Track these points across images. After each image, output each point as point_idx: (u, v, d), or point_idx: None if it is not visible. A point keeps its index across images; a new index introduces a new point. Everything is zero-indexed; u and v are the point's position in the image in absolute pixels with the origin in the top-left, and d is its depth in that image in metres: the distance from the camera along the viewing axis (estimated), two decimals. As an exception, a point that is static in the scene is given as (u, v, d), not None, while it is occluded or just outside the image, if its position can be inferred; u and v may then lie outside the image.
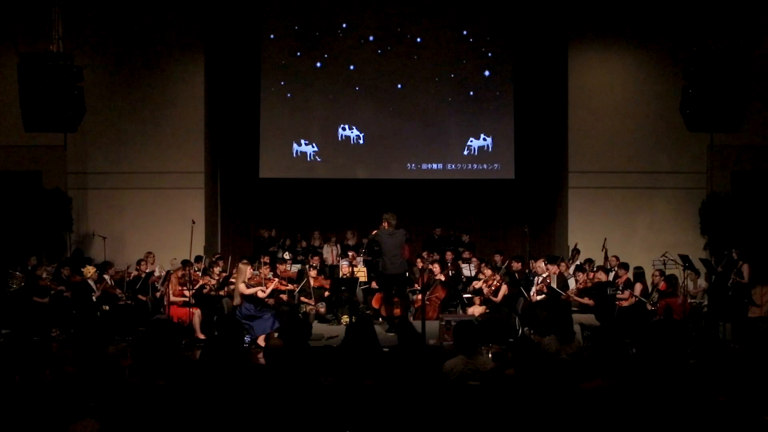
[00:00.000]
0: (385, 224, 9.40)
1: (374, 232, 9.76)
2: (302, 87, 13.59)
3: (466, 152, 13.59)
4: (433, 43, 13.50)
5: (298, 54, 13.57)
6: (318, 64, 13.58)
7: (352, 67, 13.55)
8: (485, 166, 13.62)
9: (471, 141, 13.57)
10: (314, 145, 13.62)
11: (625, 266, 10.23)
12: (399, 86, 13.55)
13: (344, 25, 13.54)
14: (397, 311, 9.76)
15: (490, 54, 13.58)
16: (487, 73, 13.60)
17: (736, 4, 11.79)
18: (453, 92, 13.59)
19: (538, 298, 9.55)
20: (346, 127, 13.60)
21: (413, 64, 13.52)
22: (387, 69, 13.52)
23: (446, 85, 13.58)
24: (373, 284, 10.85)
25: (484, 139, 13.57)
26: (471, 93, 13.61)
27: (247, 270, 9.03)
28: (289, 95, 13.62)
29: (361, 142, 13.61)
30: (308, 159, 13.63)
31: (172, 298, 9.28)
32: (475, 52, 13.57)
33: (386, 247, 9.32)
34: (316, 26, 13.54)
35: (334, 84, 13.57)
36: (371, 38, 13.54)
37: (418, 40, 13.52)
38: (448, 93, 13.60)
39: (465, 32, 13.55)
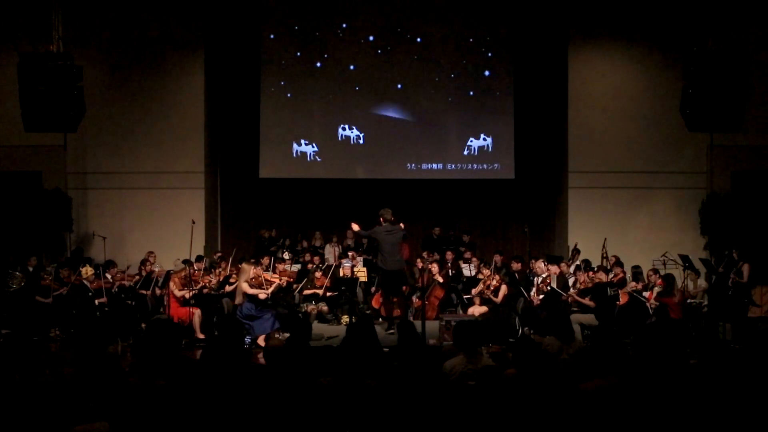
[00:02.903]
0: (381, 220, 9.41)
1: (358, 229, 9.72)
2: (302, 87, 13.58)
3: (466, 152, 13.59)
4: (433, 43, 13.49)
5: (298, 54, 13.56)
6: (318, 64, 13.58)
7: (352, 67, 13.55)
8: (485, 166, 13.62)
9: (471, 141, 13.57)
10: (314, 145, 13.62)
11: (620, 264, 10.25)
12: (399, 86, 13.55)
13: (344, 25, 13.53)
14: (397, 311, 9.76)
15: (490, 54, 13.57)
16: (487, 73, 13.59)
17: (736, 5, 11.79)
18: (453, 92, 13.59)
19: (540, 297, 9.55)
20: (346, 127, 13.59)
21: (413, 64, 13.51)
22: (387, 69, 13.51)
23: (446, 85, 13.58)
24: (362, 278, 10.80)
25: (484, 139, 13.57)
26: (471, 93, 13.60)
27: (250, 270, 9.05)
28: (289, 95, 13.61)
29: (361, 142, 13.60)
30: (308, 159, 13.62)
31: (177, 293, 9.28)
32: (475, 52, 13.56)
33: (385, 243, 9.30)
34: (316, 26, 13.53)
35: (334, 84, 13.55)
36: (371, 38, 13.53)
37: (418, 39, 13.51)
38: (448, 93, 13.60)
39: (465, 32, 13.53)
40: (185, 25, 12.67)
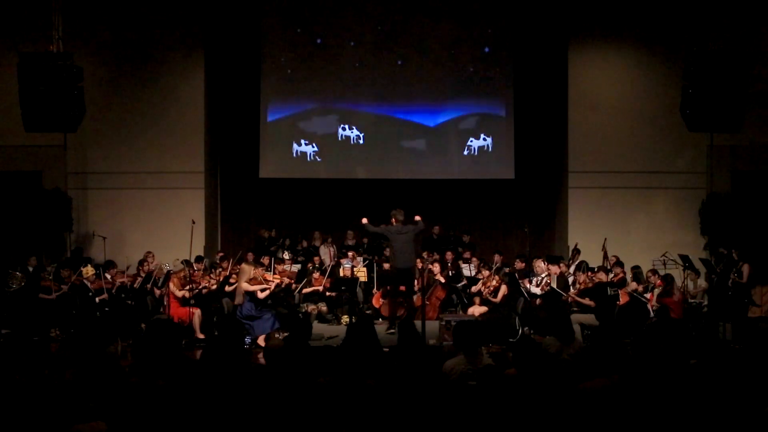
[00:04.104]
0: (393, 220, 9.45)
1: (366, 222, 9.67)
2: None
3: (466, 152, 13.58)
4: (433, 43, 13.47)
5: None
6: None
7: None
8: (485, 166, 13.62)
9: (471, 141, 13.56)
10: (314, 145, 13.61)
11: (620, 264, 10.24)
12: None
13: (343, 20, 13.47)
14: (400, 311, 9.74)
15: (490, 53, 13.55)
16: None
17: (736, 5, 11.80)
18: (453, 91, 13.58)
19: (535, 290, 9.54)
20: (346, 127, 13.59)
21: (413, 60, 13.45)
22: (387, 63, 13.47)
23: (447, 85, 13.57)
24: (362, 278, 10.79)
25: (484, 139, 13.56)
26: (471, 92, 13.59)
27: (249, 270, 9.06)
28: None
29: (361, 142, 13.60)
30: (308, 159, 13.62)
31: (177, 293, 9.28)
32: (476, 53, 13.55)
33: (396, 241, 9.35)
34: (316, 16, 13.46)
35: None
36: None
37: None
38: (449, 92, 13.59)
39: (464, 33, 13.51)
40: (185, 25, 12.67)
